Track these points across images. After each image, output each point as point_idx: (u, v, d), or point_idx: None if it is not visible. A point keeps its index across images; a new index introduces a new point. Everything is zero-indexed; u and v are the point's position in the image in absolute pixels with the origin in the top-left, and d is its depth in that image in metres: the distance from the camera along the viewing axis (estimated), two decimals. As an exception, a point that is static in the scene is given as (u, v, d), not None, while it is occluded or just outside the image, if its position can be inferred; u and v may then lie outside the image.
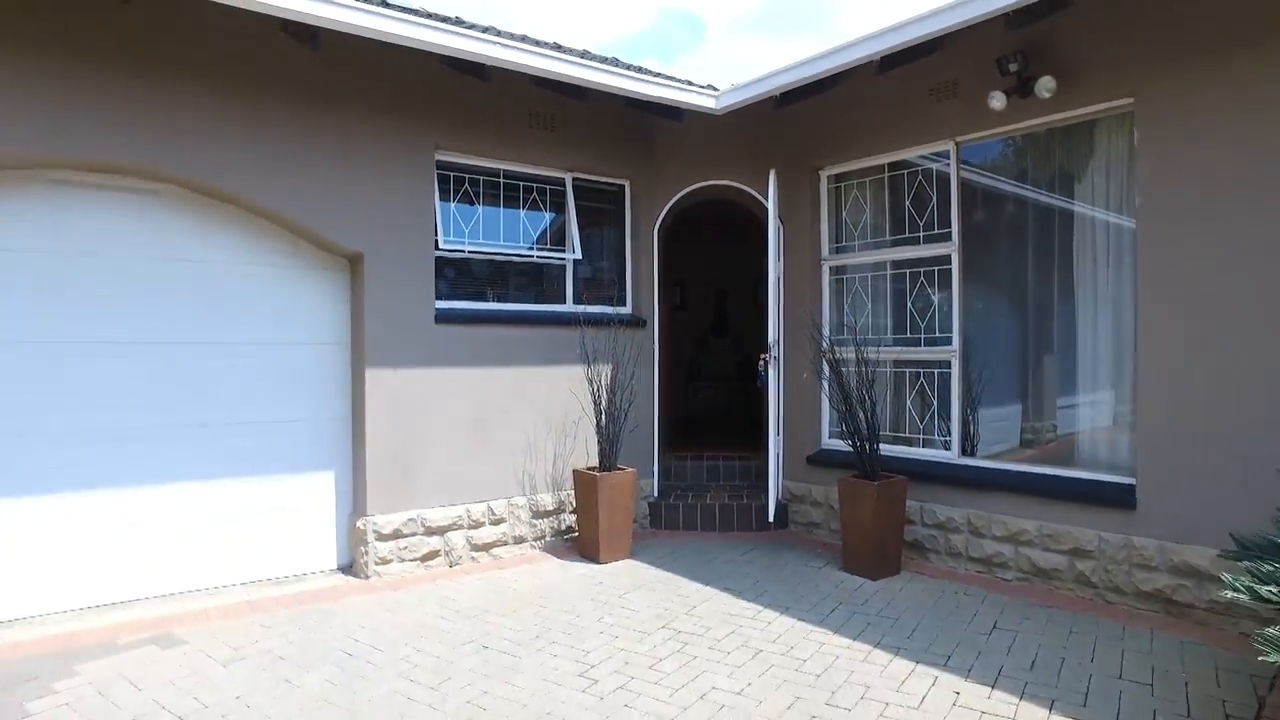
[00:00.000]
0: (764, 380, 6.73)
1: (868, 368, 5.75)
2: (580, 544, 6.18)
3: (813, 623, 4.63)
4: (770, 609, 4.87)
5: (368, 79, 5.47)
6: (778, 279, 6.70)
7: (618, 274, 7.11)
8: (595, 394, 6.17)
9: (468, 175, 6.16)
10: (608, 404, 6.16)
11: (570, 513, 6.45)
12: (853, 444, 5.75)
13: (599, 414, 6.15)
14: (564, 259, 6.67)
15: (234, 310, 5.28)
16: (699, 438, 8.71)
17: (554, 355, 6.39)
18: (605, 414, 6.14)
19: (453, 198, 6.09)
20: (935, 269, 6.03)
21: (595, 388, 6.18)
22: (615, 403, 6.19)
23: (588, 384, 6.23)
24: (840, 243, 6.79)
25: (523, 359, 6.25)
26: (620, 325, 6.57)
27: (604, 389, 6.19)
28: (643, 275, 7.13)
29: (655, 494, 7.08)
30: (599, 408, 6.16)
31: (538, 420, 6.34)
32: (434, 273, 5.83)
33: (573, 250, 6.67)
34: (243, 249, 5.31)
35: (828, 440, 6.75)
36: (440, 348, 5.83)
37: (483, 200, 6.26)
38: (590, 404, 6.26)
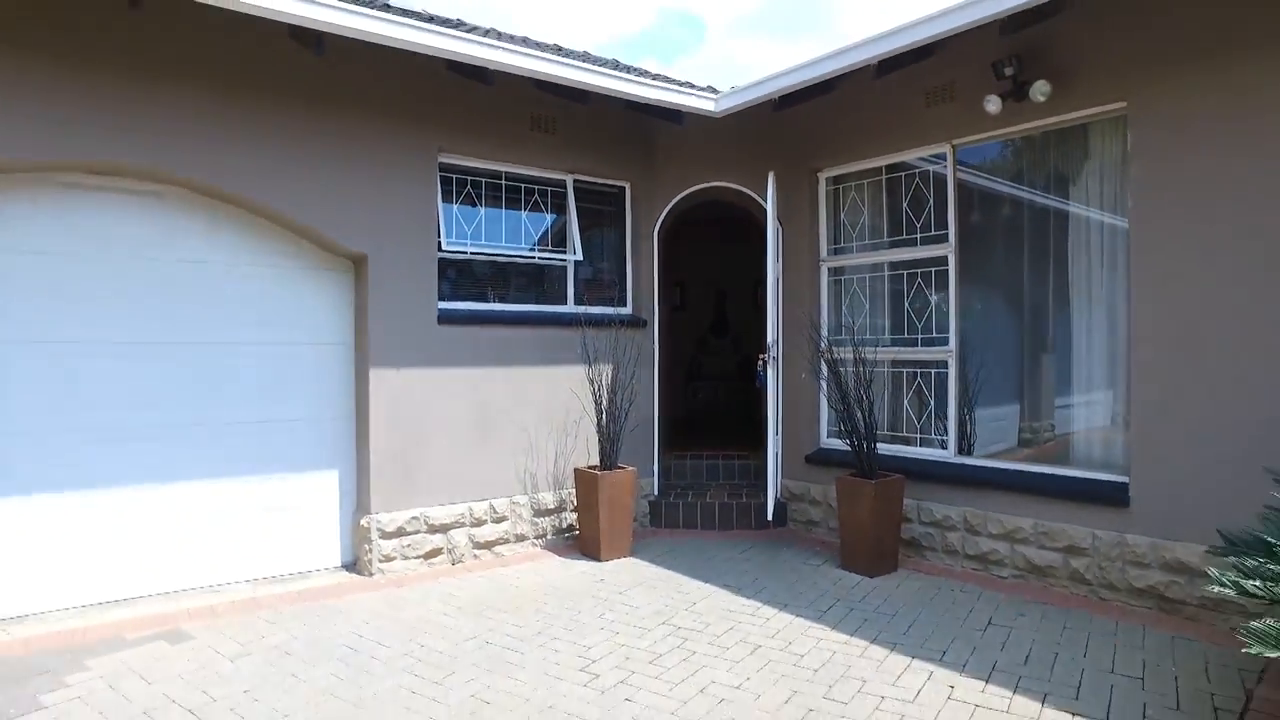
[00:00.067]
0: (763, 380, 6.80)
1: (865, 368, 5.82)
2: (581, 542, 6.25)
3: (810, 619, 4.70)
4: (769, 606, 4.94)
5: (371, 82, 5.54)
6: (776, 280, 6.77)
7: (618, 275, 7.17)
8: (596, 394, 6.24)
9: (470, 177, 6.23)
10: (608, 403, 6.23)
11: (571, 511, 6.52)
12: (851, 443, 5.81)
13: (600, 413, 6.22)
14: (565, 260, 6.74)
15: (238, 310, 5.35)
16: (699, 437, 8.77)
17: (555, 355, 6.46)
18: (606, 413, 6.21)
19: (455, 199, 6.16)
20: (932, 270, 6.10)
21: (596, 387, 6.25)
22: (616, 402, 6.25)
23: (589, 384, 6.30)
24: (838, 244, 6.86)
25: (524, 359, 6.32)
26: (621, 326, 6.63)
27: (605, 389, 6.26)
28: (643, 276, 7.20)
29: (655, 493, 7.15)
30: (600, 407, 6.22)
31: (539, 419, 6.41)
32: (437, 274, 5.90)
33: (574, 251, 6.74)
34: (247, 250, 5.38)
35: (826, 439, 6.82)
36: (443, 348, 5.89)
37: (485, 202, 6.33)
38: (591, 403, 6.33)
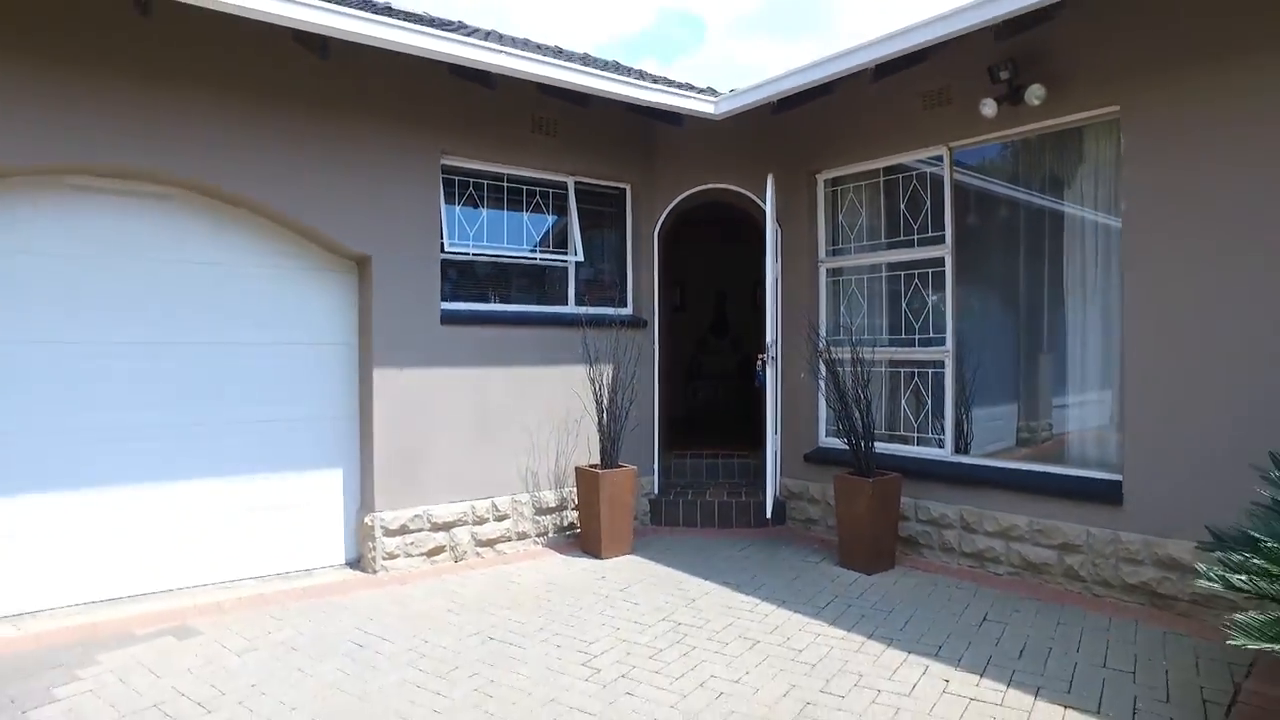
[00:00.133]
0: (762, 380, 6.87)
1: (863, 368, 5.89)
2: (582, 540, 6.32)
3: (808, 615, 4.77)
4: (767, 602, 5.01)
5: (375, 86, 5.61)
6: (775, 280, 6.83)
7: (619, 275, 7.24)
8: (597, 393, 6.31)
9: (472, 179, 6.30)
10: (609, 403, 6.30)
11: (572, 509, 6.59)
12: (849, 442, 5.88)
13: (601, 413, 6.29)
14: (566, 261, 6.81)
15: (244, 311, 5.42)
16: (699, 436, 8.84)
17: (557, 355, 6.53)
18: (607, 413, 6.28)
19: (458, 201, 6.23)
20: (929, 271, 6.17)
21: (597, 387, 6.32)
22: (617, 402, 6.33)
23: (590, 383, 6.37)
24: (837, 245, 6.93)
25: (526, 359, 6.39)
26: (621, 326, 6.70)
27: (605, 388, 6.33)
28: (643, 277, 7.27)
29: (656, 491, 7.22)
30: (601, 406, 6.29)
31: (541, 419, 6.48)
32: (440, 274, 5.97)
33: (575, 252, 6.81)
34: (252, 251, 5.45)
35: (825, 439, 6.89)
36: (446, 348, 5.97)
37: (487, 203, 6.40)
38: (592, 403, 6.40)
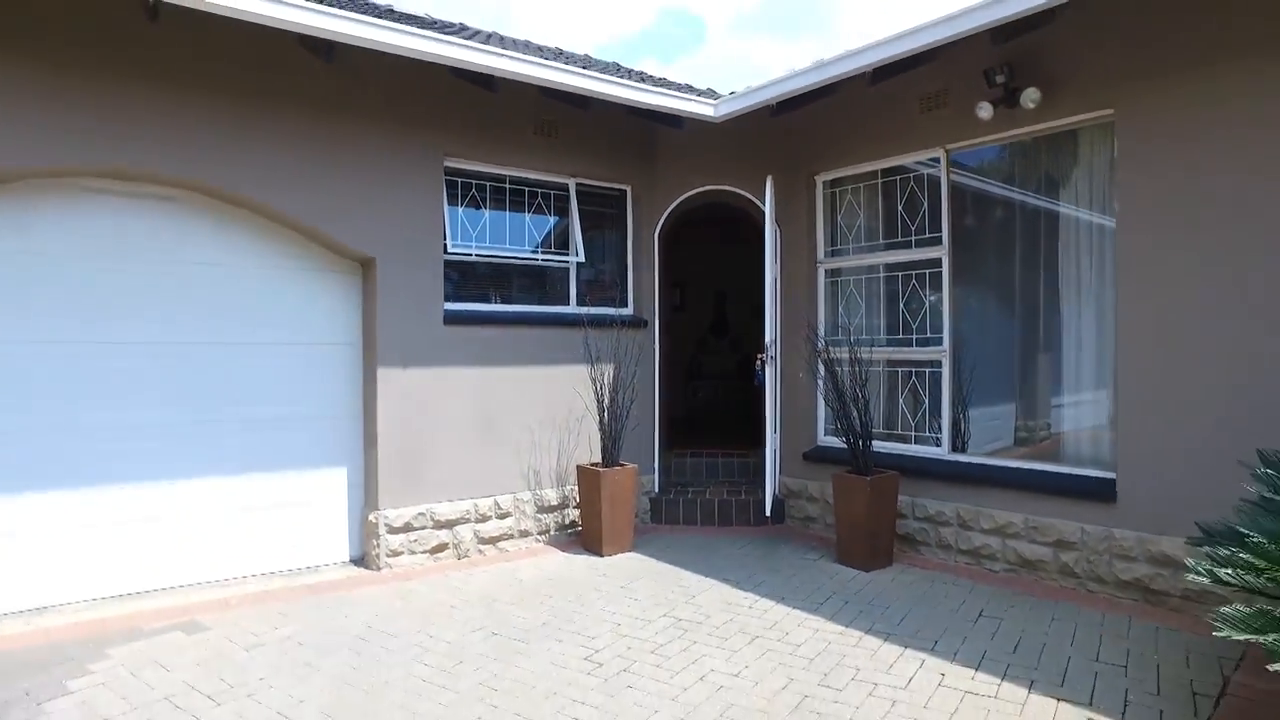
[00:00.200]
0: (761, 379, 6.95)
1: (861, 367, 5.97)
2: (584, 537, 6.39)
3: (807, 611, 4.84)
4: (767, 598, 5.08)
5: (378, 89, 5.68)
6: (775, 281, 6.91)
7: (619, 276, 7.32)
8: (598, 392, 6.38)
9: (475, 181, 6.37)
10: (610, 402, 6.37)
11: (574, 507, 6.66)
12: (847, 441, 5.95)
13: (602, 412, 6.36)
14: (567, 262, 6.88)
15: (250, 311, 5.49)
16: (698, 435, 8.91)
17: (558, 355, 6.60)
18: (608, 412, 6.35)
19: (460, 202, 6.30)
20: (927, 272, 6.24)
21: (598, 386, 6.39)
22: (618, 401, 6.40)
23: (591, 383, 6.45)
24: (835, 246, 7.01)
25: (528, 358, 6.46)
26: (622, 326, 6.78)
27: (606, 387, 6.40)
28: (644, 277, 7.34)
29: (656, 490, 7.29)
30: (602, 406, 6.37)
31: (542, 418, 6.55)
32: (443, 275, 6.04)
33: (576, 253, 6.88)
34: (257, 253, 5.52)
35: (823, 437, 6.96)
36: (449, 348, 6.04)
37: (489, 205, 6.47)
38: (593, 402, 6.47)
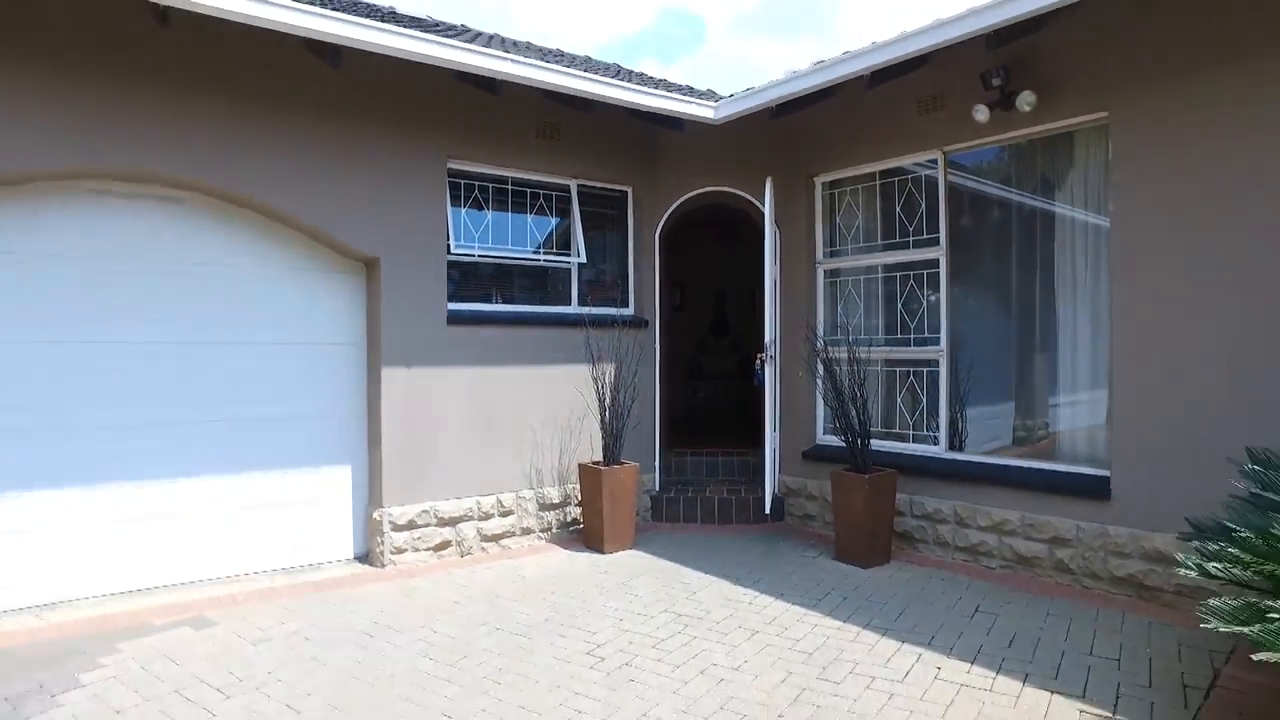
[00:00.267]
0: (761, 379, 7.02)
1: (860, 367, 6.04)
2: (585, 535, 6.46)
3: (806, 607, 4.91)
4: (766, 594, 5.15)
5: (383, 92, 5.75)
6: (774, 281, 6.98)
7: (620, 276, 7.38)
8: (600, 392, 6.45)
9: (478, 182, 6.44)
10: (611, 401, 6.44)
11: (575, 505, 6.73)
12: (846, 440, 6.02)
13: (603, 411, 6.43)
14: (569, 262, 6.95)
15: (254, 312, 5.55)
16: (699, 435, 8.98)
17: (560, 354, 6.67)
18: (609, 411, 6.42)
19: (463, 204, 6.37)
20: (924, 272, 6.31)
21: (600, 385, 6.46)
22: (619, 400, 6.46)
23: (592, 382, 6.51)
24: (834, 247, 7.08)
25: (530, 358, 6.53)
26: (623, 326, 6.85)
27: (608, 387, 6.47)
28: (644, 278, 7.41)
29: (657, 488, 7.36)
30: (603, 405, 6.44)
31: (544, 417, 6.62)
32: (446, 276, 6.11)
33: (577, 254, 6.95)
34: (263, 254, 5.58)
35: (822, 436, 7.03)
36: (452, 348, 6.10)
37: (492, 206, 6.54)
38: (595, 401, 6.54)
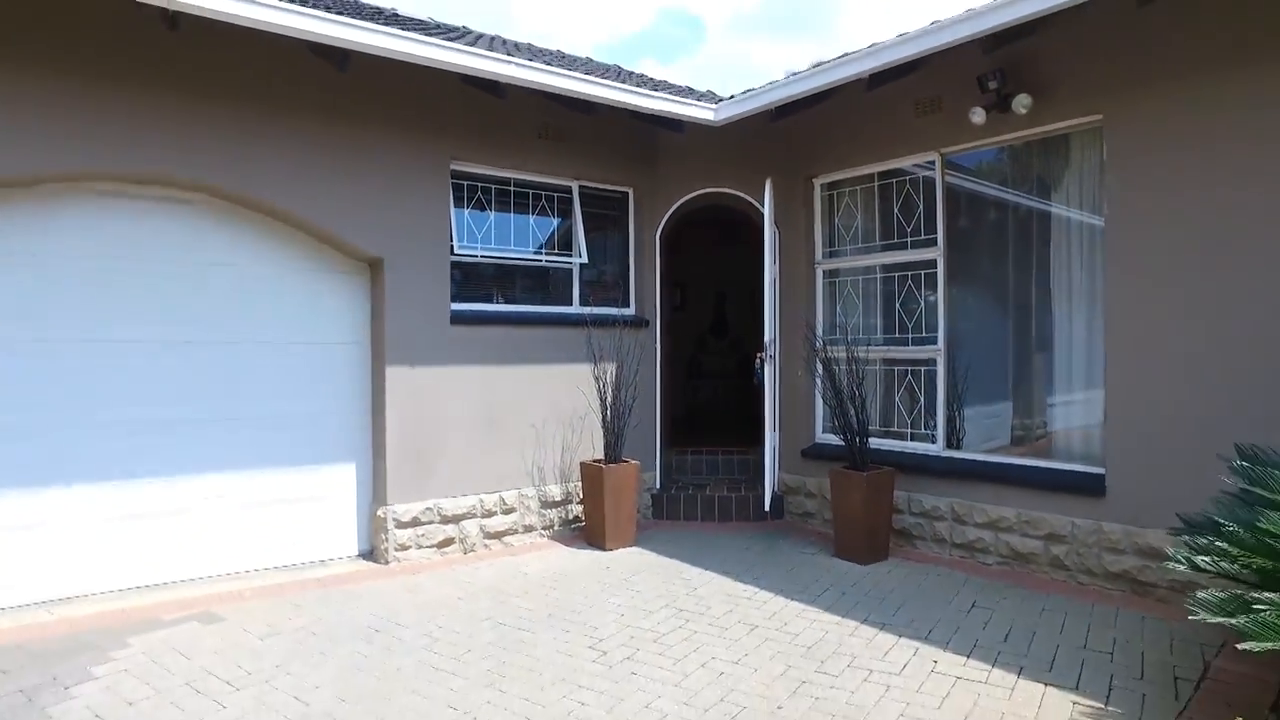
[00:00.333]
0: (761, 378, 7.09)
1: (858, 366, 6.11)
2: (587, 532, 6.53)
3: (805, 602, 4.98)
4: (766, 590, 5.22)
5: (388, 95, 5.82)
6: (774, 282, 7.05)
7: (622, 277, 7.46)
8: (601, 390, 6.53)
9: (480, 184, 6.52)
10: (613, 400, 6.51)
11: (577, 503, 6.80)
12: (844, 438, 6.09)
13: (605, 409, 6.50)
14: (571, 263, 7.03)
15: (261, 312, 5.62)
16: (699, 433, 9.05)
17: (562, 354, 6.74)
18: (611, 410, 6.49)
19: (466, 205, 6.45)
20: (922, 272, 6.39)
21: (601, 385, 6.53)
22: (620, 399, 6.54)
23: (594, 381, 6.59)
24: (833, 247, 7.15)
25: (532, 357, 6.61)
26: (624, 325, 6.92)
27: (609, 386, 6.55)
28: (646, 278, 7.48)
29: (657, 486, 7.43)
30: (605, 404, 6.51)
31: (546, 415, 6.69)
32: (449, 276, 6.18)
33: (579, 254, 7.02)
34: (269, 254, 5.66)
35: (821, 435, 7.10)
36: (455, 347, 6.18)
37: (494, 207, 6.62)
38: (596, 400, 6.61)
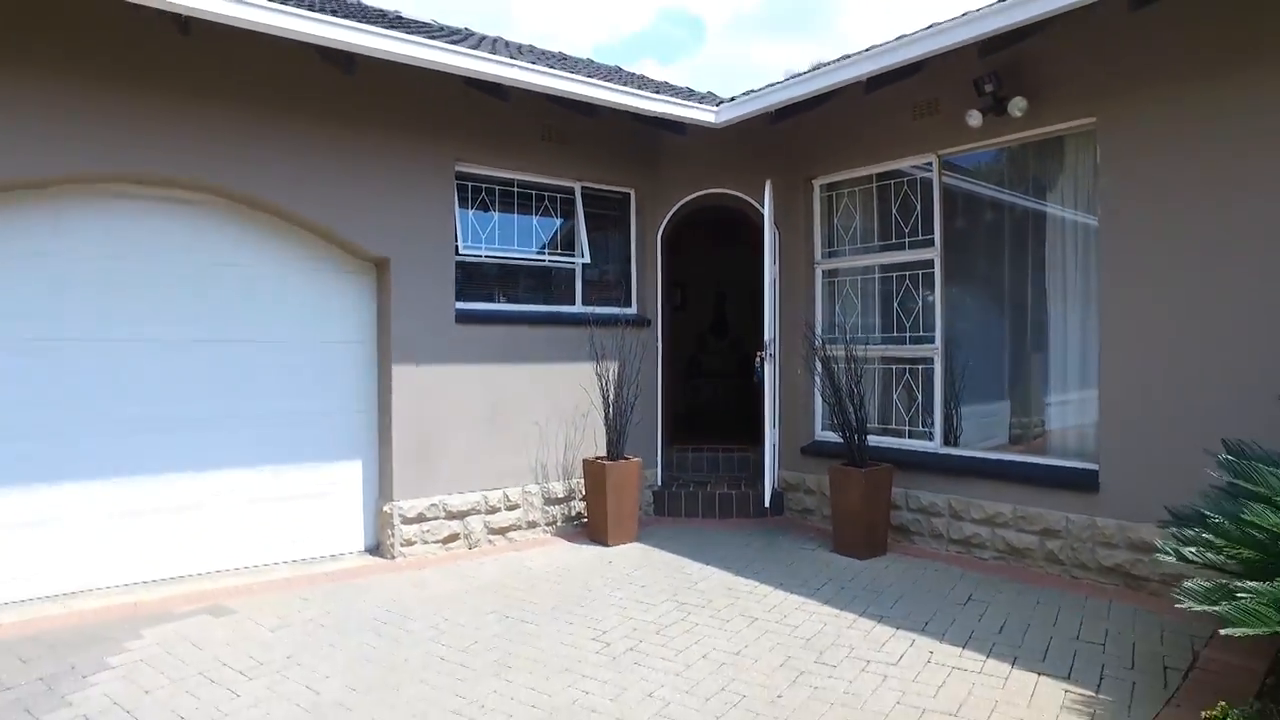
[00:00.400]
0: (761, 377, 7.18)
1: (857, 364, 6.21)
2: (589, 528, 6.62)
3: (804, 596, 5.07)
4: (766, 584, 5.31)
5: (394, 98, 5.91)
6: (774, 281, 7.14)
7: (623, 276, 7.56)
8: (603, 389, 6.62)
9: (484, 185, 6.61)
10: (615, 398, 6.60)
11: (580, 499, 6.89)
12: (843, 436, 6.19)
13: (607, 407, 6.59)
14: (573, 262, 7.12)
15: (269, 310, 5.72)
16: (700, 432, 9.14)
17: (564, 352, 6.84)
18: (613, 407, 6.58)
19: (471, 205, 6.54)
20: (920, 272, 6.48)
21: (603, 383, 6.63)
22: (622, 397, 6.63)
23: (596, 379, 6.68)
24: (832, 248, 7.24)
25: (536, 356, 6.70)
26: (626, 325, 7.01)
27: (611, 384, 6.64)
28: (647, 278, 7.58)
29: (659, 483, 7.53)
30: (607, 402, 6.60)
31: (549, 413, 6.78)
32: (454, 276, 6.28)
33: (582, 254, 7.12)
34: (277, 254, 5.75)
35: (821, 432, 7.20)
36: (460, 346, 6.27)
37: (498, 208, 6.71)
38: (599, 398, 6.70)
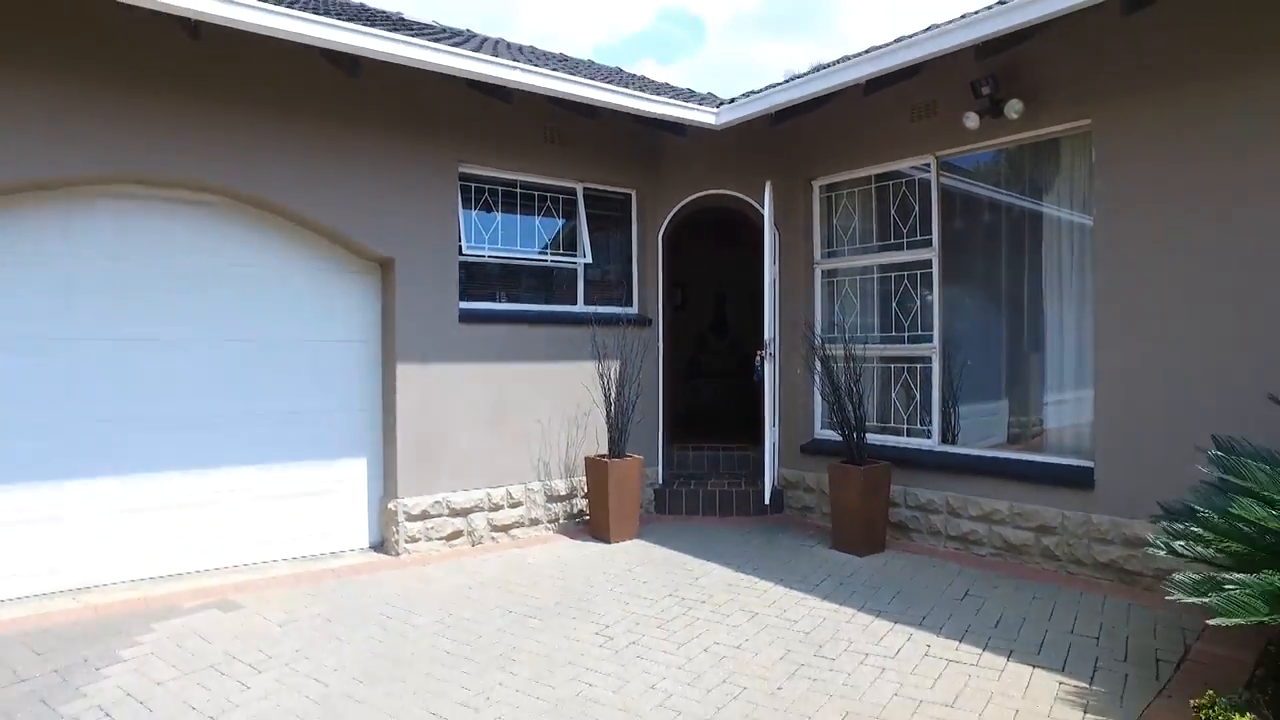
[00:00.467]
0: (761, 376, 7.26)
1: (856, 363, 6.28)
2: (591, 525, 6.69)
3: (804, 591, 5.15)
4: (766, 580, 5.38)
5: (398, 99, 5.98)
6: (773, 281, 7.21)
7: (625, 276, 7.63)
8: (605, 387, 6.69)
9: (487, 185, 6.68)
10: (616, 397, 6.68)
11: (582, 497, 6.97)
12: (842, 434, 6.26)
13: (609, 406, 6.67)
14: (575, 263, 7.19)
15: (275, 310, 5.79)
16: (700, 430, 9.20)
17: (567, 351, 6.91)
18: (614, 406, 6.66)
19: (474, 206, 6.61)
20: (918, 272, 6.55)
21: (605, 382, 6.70)
22: (623, 396, 6.70)
23: (598, 378, 6.75)
24: (831, 248, 7.32)
25: (538, 355, 6.77)
26: (628, 324, 7.09)
27: (613, 383, 6.71)
28: (648, 278, 7.65)
29: (660, 481, 7.60)
30: (609, 400, 6.67)
31: (552, 412, 6.86)
32: (457, 275, 6.35)
33: (583, 254, 7.19)
34: (283, 255, 5.82)
35: (820, 431, 7.27)
36: (463, 345, 6.35)
37: (501, 208, 6.78)
38: (600, 397, 6.77)
